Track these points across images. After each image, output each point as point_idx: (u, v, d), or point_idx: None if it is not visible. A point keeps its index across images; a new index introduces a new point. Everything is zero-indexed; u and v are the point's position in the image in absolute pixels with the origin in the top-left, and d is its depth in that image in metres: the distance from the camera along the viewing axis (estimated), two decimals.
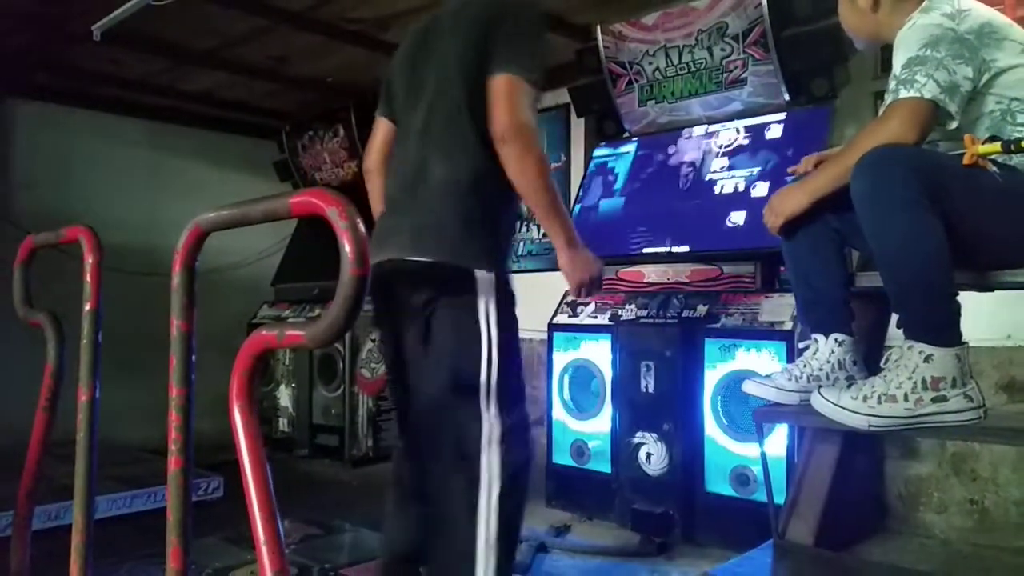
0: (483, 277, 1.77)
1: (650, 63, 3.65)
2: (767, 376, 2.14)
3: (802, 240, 2.03)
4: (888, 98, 1.80)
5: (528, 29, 1.86)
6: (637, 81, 3.72)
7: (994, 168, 1.78)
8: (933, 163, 1.75)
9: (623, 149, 3.87)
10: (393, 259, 1.82)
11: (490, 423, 1.74)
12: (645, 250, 3.49)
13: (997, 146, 1.70)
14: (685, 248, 3.36)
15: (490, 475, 1.71)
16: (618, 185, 3.74)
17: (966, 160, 1.72)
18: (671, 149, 3.71)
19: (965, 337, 1.75)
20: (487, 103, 1.79)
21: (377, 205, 2.11)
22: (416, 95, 1.95)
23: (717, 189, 3.42)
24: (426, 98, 1.91)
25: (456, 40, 1.88)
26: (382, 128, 2.13)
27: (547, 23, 1.94)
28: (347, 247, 1.03)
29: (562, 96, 4.16)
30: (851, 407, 1.78)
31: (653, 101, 3.72)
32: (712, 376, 3.09)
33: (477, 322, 1.75)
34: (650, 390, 3.21)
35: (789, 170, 2.32)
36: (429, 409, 1.85)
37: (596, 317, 3.52)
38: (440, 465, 1.82)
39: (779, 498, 2.40)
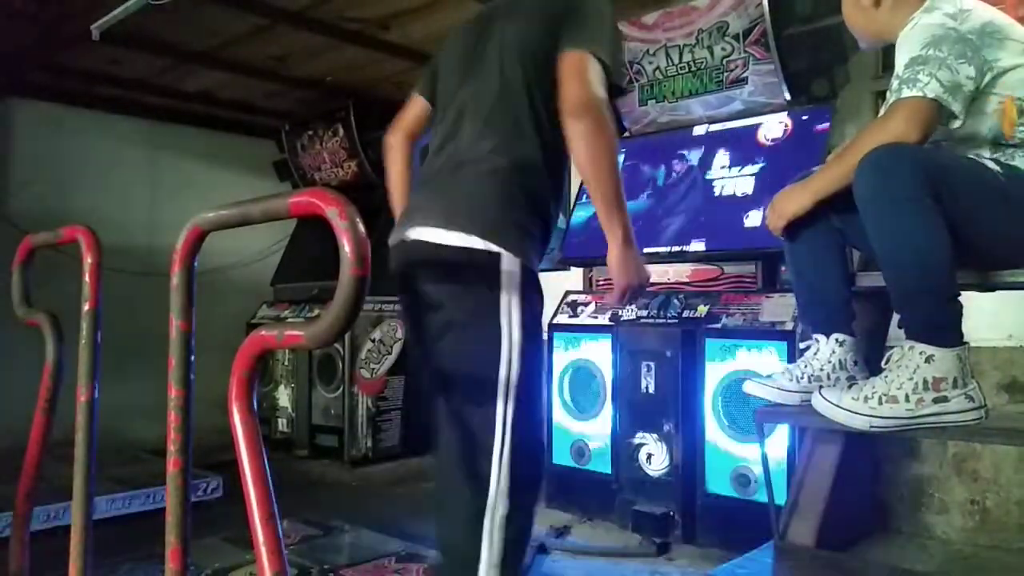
0: (511, 264, 1.64)
1: (650, 62, 3.64)
2: (768, 376, 2.14)
3: (804, 240, 2.03)
4: (891, 97, 1.80)
5: (602, 13, 1.78)
6: (637, 80, 3.72)
7: (996, 168, 1.78)
8: (936, 162, 1.74)
9: (623, 149, 3.87)
10: (418, 238, 1.71)
11: (503, 434, 1.63)
12: (646, 250, 3.47)
13: None
14: (686, 248, 3.36)
15: (497, 493, 1.61)
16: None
17: (1006, 131, 1.73)
18: (671, 149, 3.70)
19: (966, 337, 1.74)
20: (548, 85, 1.71)
21: (397, 183, 2.05)
22: (467, 76, 1.86)
23: (717, 189, 3.42)
24: (480, 79, 1.82)
25: (518, 23, 1.81)
26: (417, 106, 2.05)
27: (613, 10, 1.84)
28: (347, 247, 1.03)
29: None
30: (852, 408, 1.78)
31: (654, 100, 3.71)
32: (713, 376, 3.09)
33: (498, 317, 1.64)
34: (651, 390, 3.21)
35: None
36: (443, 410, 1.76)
37: (596, 317, 3.51)
38: (447, 475, 1.73)
39: (780, 499, 2.39)
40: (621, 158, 3.80)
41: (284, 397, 5.25)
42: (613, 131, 1.69)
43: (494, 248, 1.63)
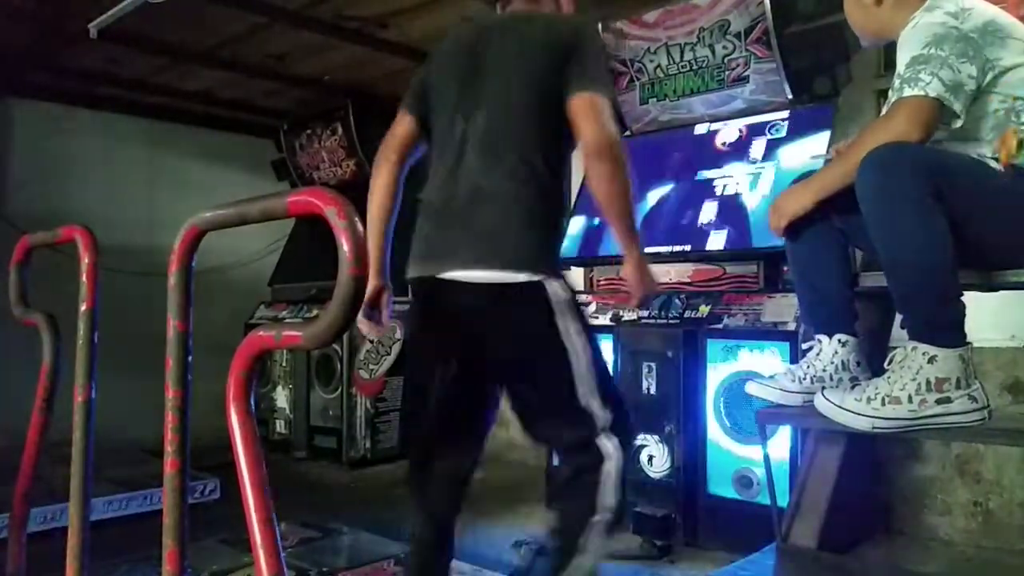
0: (553, 286, 1.80)
1: (652, 61, 3.63)
2: (770, 377, 2.14)
3: (806, 240, 2.02)
4: (892, 96, 1.79)
5: (601, 53, 1.99)
6: (638, 79, 3.71)
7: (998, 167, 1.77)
8: (938, 162, 1.74)
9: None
10: (455, 276, 1.80)
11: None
12: (646, 250, 3.44)
13: None
14: (687, 248, 3.35)
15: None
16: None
17: (1003, 160, 1.72)
18: (673, 147, 3.70)
19: (969, 338, 1.74)
20: (552, 113, 1.85)
21: (383, 198, 2.05)
22: (470, 102, 1.92)
23: (719, 188, 3.41)
24: (488, 106, 1.90)
25: (520, 51, 1.91)
26: (408, 124, 2.07)
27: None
28: (345, 247, 1.02)
29: None
30: (855, 409, 1.78)
31: (655, 99, 3.71)
32: (714, 377, 3.08)
33: (559, 339, 1.80)
34: (652, 391, 3.19)
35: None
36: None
37: (597, 318, 3.50)
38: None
39: (782, 500, 2.39)
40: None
41: (282, 398, 5.24)
42: (628, 166, 1.84)
43: (536, 278, 1.78)
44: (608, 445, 1.79)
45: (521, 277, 1.77)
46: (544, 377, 1.85)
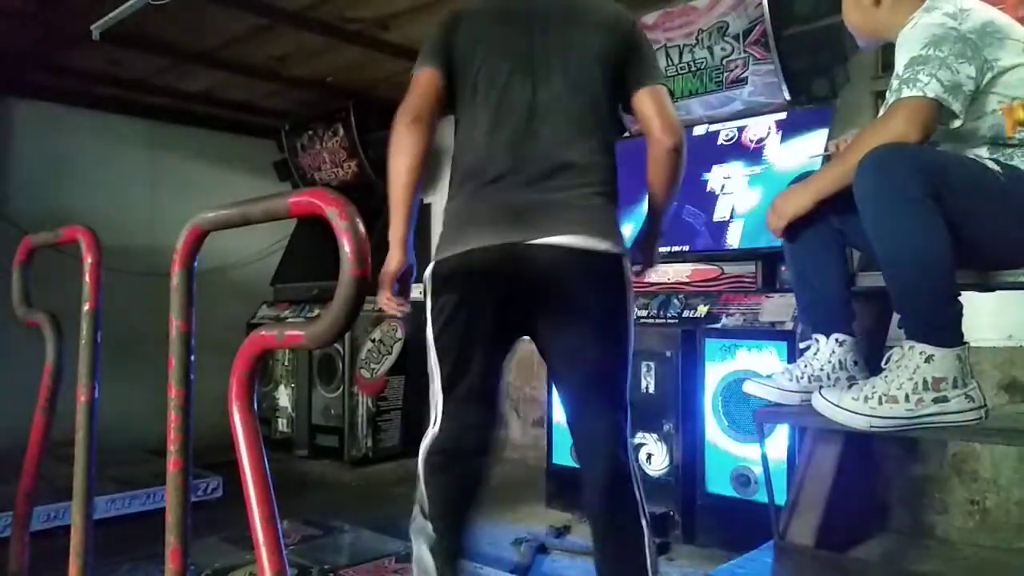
0: (626, 262, 1.88)
1: None
2: (768, 376, 2.14)
3: (803, 240, 2.03)
4: (891, 97, 1.79)
5: (652, 47, 2.05)
6: None
7: (996, 168, 1.78)
8: (936, 162, 1.74)
9: (624, 149, 3.87)
10: (537, 242, 1.77)
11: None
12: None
13: None
14: (686, 248, 3.36)
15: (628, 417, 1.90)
16: (619, 185, 3.73)
17: (1008, 131, 1.73)
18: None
19: (966, 337, 1.74)
20: (614, 98, 1.95)
21: (414, 164, 1.86)
22: (536, 70, 1.87)
23: (717, 189, 3.42)
24: (559, 81, 1.87)
25: (592, 36, 1.92)
26: (436, 80, 1.91)
27: None
28: (347, 247, 1.03)
29: None
30: (852, 408, 1.78)
31: None
32: (713, 376, 3.09)
33: (627, 309, 1.87)
34: (650, 390, 3.20)
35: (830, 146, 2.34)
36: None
37: None
38: (597, 420, 1.88)
39: (780, 499, 2.39)
40: (622, 158, 3.81)
41: (284, 397, 5.25)
42: (685, 157, 1.95)
43: (617, 250, 1.84)
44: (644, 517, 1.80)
45: (607, 246, 1.81)
46: (605, 349, 1.85)
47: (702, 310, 3.18)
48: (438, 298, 1.86)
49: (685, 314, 3.23)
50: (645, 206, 2.06)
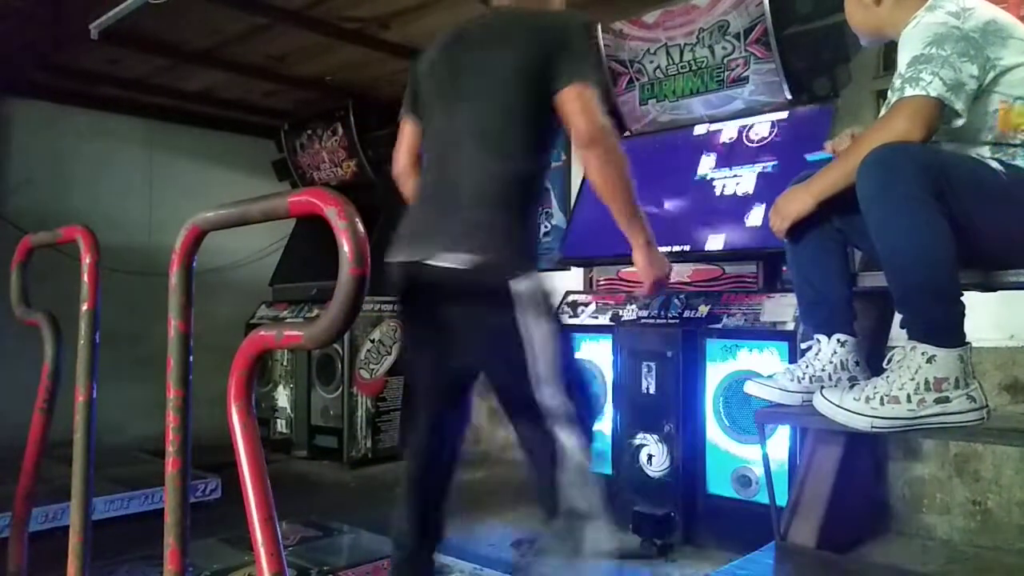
0: (521, 280, 1.81)
1: (651, 61, 3.64)
2: (769, 377, 2.14)
3: (805, 241, 2.02)
4: (893, 96, 1.79)
5: (585, 43, 1.97)
6: (638, 80, 3.71)
7: (999, 168, 1.78)
8: (939, 161, 1.74)
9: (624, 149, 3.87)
10: (436, 264, 1.82)
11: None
12: None
13: None
14: (686, 248, 3.35)
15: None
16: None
17: (1001, 126, 1.73)
18: (672, 148, 3.70)
19: (968, 337, 1.74)
20: (538, 110, 1.88)
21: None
22: (457, 99, 1.96)
23: (718, 188, 3.42)
24: (474, 103, 1.93)
25: (510, 51, 1.91)
26: (409, 129, 2.14)
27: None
28: (346, 247, 1.02)
29: None
30: (854, 408, 1.78)
31: (654, 100, 3.71)
32: (714, 377, 3.08)
33: (518, 329, 1.79)
34: (651, 391, 3.20)
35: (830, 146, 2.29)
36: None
37: (597, 317, 3.50)
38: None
39: (781, 500, 2.39)
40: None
41: (283, 398, 5.24)
42: (622, 153, 1.88)
43: (499, 264, 1.79)
44: (569, 442, 1.80)
45: (485, 262, 1.79)
46: (503, 365, 1.86)
47: (703, 310, 3.17)
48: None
49: (686, 314, 3.22)
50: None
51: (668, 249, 3.38)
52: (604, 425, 3.40)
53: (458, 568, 2.77)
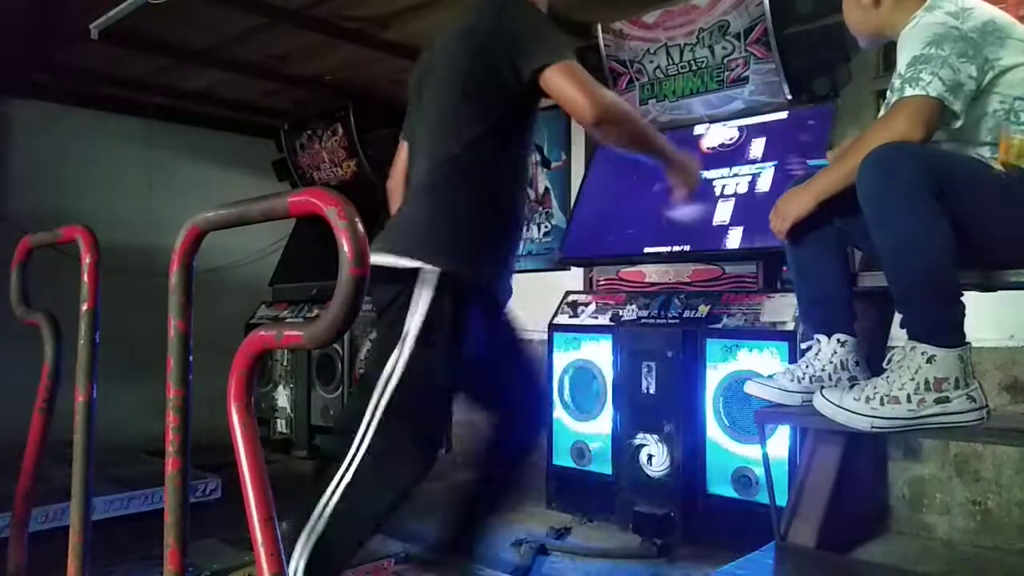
0: (429, 275, 1.78)
1: (651, 61, 3.64)
2: (769, 377, 2.13)
3: (805, 241, 2.02)
4: (893, 96, 1.79)
5: (539, 20, 1.92)
6: (638, 80, 3.71)
7: (999, 168, 1.78)
8: (939, 161, 1.74)
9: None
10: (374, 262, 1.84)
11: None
12: (646, 250, 3.47)
13: None
14: (686, 248, 3.35)
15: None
16: (619, 185, 3.73)
17: (1001, 159, 1.72)
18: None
19: (968, 337, 1.74)
20: (486, 108, 1.86)
21: None
22: (415, 113, 2.03)
23: (718, 188, 3.42)
24: (421, 113, 2.00)
25: (451, 52, 1.93)
26: (402, 149, 2.16)
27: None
28: (346, 247, 1.02)
29: None
30: (854, 408, 1.78)
31: (654, 100, 3.71)
32: (713, 377, 3.08)
33: (401, 326, 1.76)
34: (651, 391, 3.20)
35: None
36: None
37: (597, 317, 3.50)
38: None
39: (781, 500, 2.39)
40: (623, 157, 3.80)
41: (283, 398, 5.24)
42: (626, 109, 1.88)
43: (413, 264, 1.78)
44: (341, 476, 1.75)
45: (392, 261, 1.79)
46: (368, 369, 1.84)
47: (703, 310, 3.17)
48: None
49: (686, 314, 3.22)
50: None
51: (668, 249, 3.39)
52: (604, 425, 3.40)
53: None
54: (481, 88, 1.86)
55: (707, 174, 3.49)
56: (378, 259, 1.73)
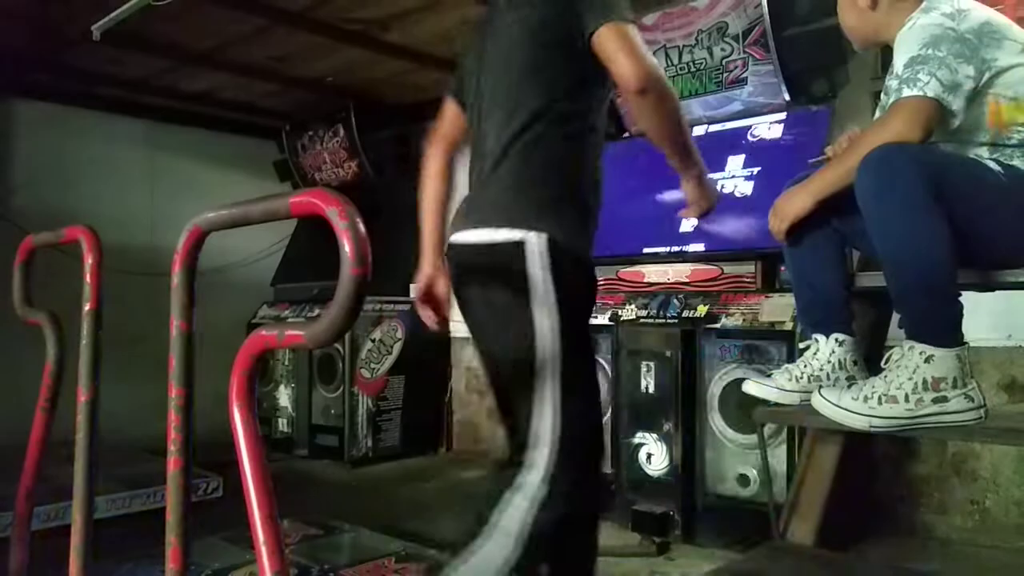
0: (538, 246, 1.64)
1: None
2: (768, 376, 2.14)
3: (804, 241, 2.03)
4: (891, 97, 1.80)
5: None
6: None
7: (997, 168, 1.78)
8: (937, 162, 1.75)
9: (623, 149, 3.86)
10: (464, 241, 1.76)
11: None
12: (645, 250, 3.48)
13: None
14: (685, 248, 3.36)
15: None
16: (618, 185, 3.73)
17: (989, 122, 1.73)
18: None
19: (965, 337, 1.75)
20: (564, 63, 1.73)
21: (434, 186, 1.99)
22: (481, 75, 1.87)
23: (717, 189, 3.41)
24: (492, 75, 1.84)
25: (522, 12, 1.80)
26: (450, 108, 2.02)
27: None
28: (347, 247, 1.02)
29: None
30: (852, 407, 1.78)
31: None
32: (712, 376, 3.08)
33: (530, 305, 1.64)
34: (650, 390, 3.20)
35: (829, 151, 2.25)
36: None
37: (596, 317, 3.51)
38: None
39: (780, 499, 2.39)
40: (622, 158, 3.81)
41: (284, 397, 5.25)
42: (673, 93, 1.74)
43: (518, 235, 1.64)
44: (537, 465, 1.60)
45: (504, 236, 1.66)
46: (502, 350, 1.72)
47: (702, 310, 3.18)
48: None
49: (685, 314, 3.23)
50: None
51: (667, 249, 3.40)
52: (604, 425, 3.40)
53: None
54: (566, 47, 1.73)
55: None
56: (474, 236, 1.71)
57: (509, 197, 1.71)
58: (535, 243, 1.64)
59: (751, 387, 2.13)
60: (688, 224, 3.25)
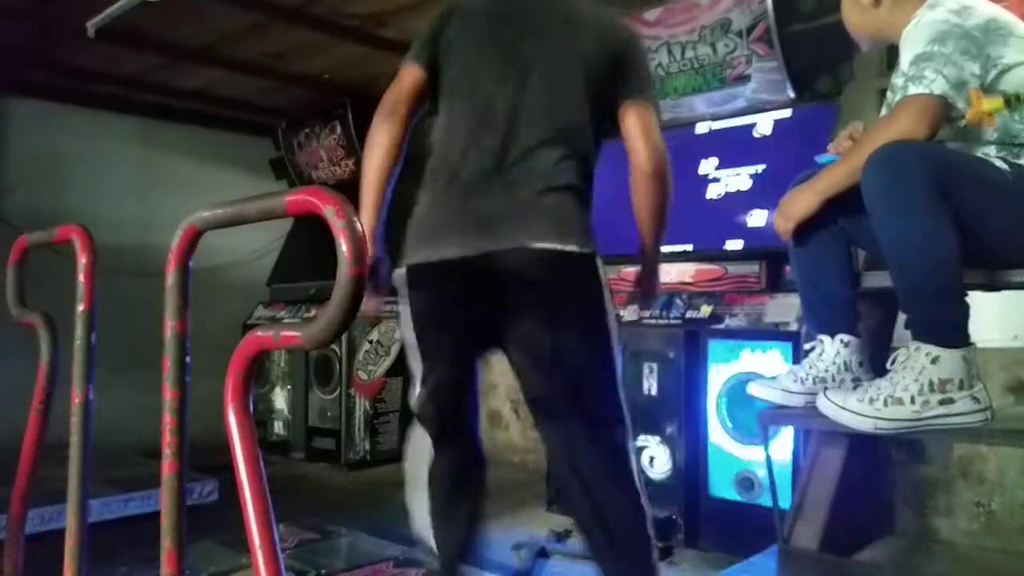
0: (599, 261, 1.87)
1: (652, 59, 3.61)
2: (772, 378, 2.14)
3: (809, 241, 2.02)
4: (896, 95, 1.80)
5: (648, 61, 2.01)
6: None
7: (1004, 167, 1.76)
8: (944, 160, 1.74)
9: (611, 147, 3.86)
10: (507, 248, 1.76)
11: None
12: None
13: (999, 101, 1.68)
14: (688, 247, 3.34)
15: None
16: (620, 184, 3.71)
17: (969, 116, 1.71)
18: (673, 147, 3.67)
19: (972, 338, 1.74)
20: (598, 107, 1.88)
21: (383, 158, 1.90)
22: (517, 72, 1.86)
23: (721, 187, 3.40)
24: (540, 81, 1.85)
25: (584, 42, 1.88)
26: (418, 76, 1.93)
27: None
28: (344, 246, 1.01)
29: None
30: (857, 409, 1.77)
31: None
32: (716, 378, 3.07)
33: (604, 309, 1.87)
34: (653, 392, 3.18)
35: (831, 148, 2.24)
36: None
37: None
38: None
39: (784, 502, 2.37)
40: (624, 157, 3.79)
41: (280, 399, 5.24)
42: (672, 182, 1.93)
43: (586, 250, 1.82)
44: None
45: (574, 247, 1.79)
46: (579, 352, 1.83)
47: (705, 311, 3.16)
48: (412, 301, 1.88)
49: (688, 315, 3.20)
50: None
51: (670, 249, 3.37)
52: None
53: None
54: (602, 100, 1.89)
55: (710, 172, 3.48)
56: (556, 246, 1.78)
57: (566, 213, 1.82)
58: (598, 257, 1.85)
59: (755, 389, 2.12)
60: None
